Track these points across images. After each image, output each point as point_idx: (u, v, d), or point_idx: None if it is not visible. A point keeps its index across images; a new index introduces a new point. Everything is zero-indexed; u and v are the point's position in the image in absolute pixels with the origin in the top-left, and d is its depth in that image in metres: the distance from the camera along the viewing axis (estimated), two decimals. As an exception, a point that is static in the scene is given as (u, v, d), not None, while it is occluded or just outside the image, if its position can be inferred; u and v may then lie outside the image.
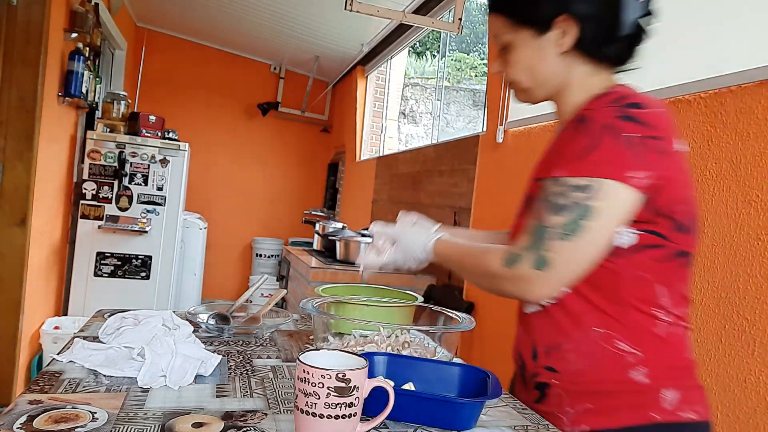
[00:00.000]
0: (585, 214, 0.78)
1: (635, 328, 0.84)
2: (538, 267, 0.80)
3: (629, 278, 0.83)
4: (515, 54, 0.92)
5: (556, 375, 0.88)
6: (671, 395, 0.83)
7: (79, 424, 0.66)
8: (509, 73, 0.94)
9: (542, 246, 0.80)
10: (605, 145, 0.79)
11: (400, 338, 0.97)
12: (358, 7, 2.56)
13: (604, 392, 0.84)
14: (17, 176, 2.82)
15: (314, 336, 1.02)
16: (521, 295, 0.84)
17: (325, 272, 2.89)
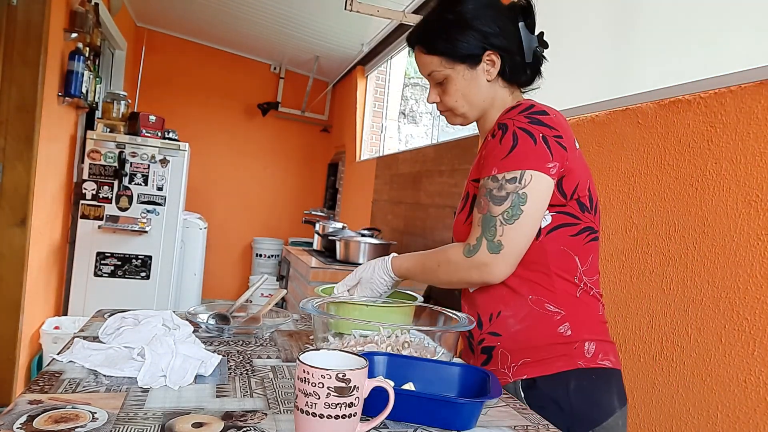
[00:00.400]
0: (521, 200, 0.96)
1: (560, 293, 1.03)
2: (493, 251, 0.97)
3: (554, 252, 1.02)
4: (453, 85, 1.09)
5: (499, 338, 1.05)
6: (590, 346, 1.03)
7: (79, 424, 0.66)
8: (448, 102, 1.11)
9: (494, 233, 0.97)
10: (524, 143, 0.97)
11: (400, 338, 0.97)
12: (358, 7, 2.56)
13: (538, 347, 1.02)
14: (17, 176, 2.82)
15: (314, 336, 1.02)
16: (483, 279, 1.00)
17: (325, 272, 2.89)
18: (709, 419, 1.30)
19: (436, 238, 3.03)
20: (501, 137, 1.00)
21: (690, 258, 1.38)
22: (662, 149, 1.50)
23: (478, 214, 1.00)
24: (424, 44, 1.10)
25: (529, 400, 1.00)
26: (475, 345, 1.10)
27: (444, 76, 1.09)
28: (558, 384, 1.00)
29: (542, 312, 1.02)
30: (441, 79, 1.10)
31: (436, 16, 1.11)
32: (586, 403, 1.00)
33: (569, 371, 1.00)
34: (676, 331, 1.41)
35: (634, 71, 1.81)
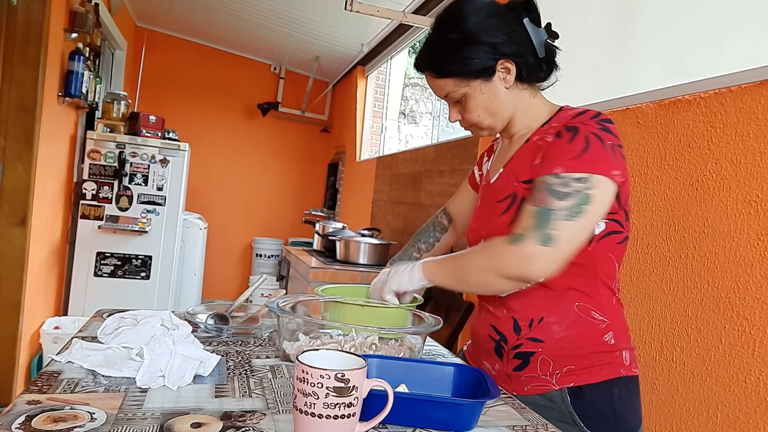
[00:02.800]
0: (586, 200, 0.94)
1: (603, 300, 1.03)
2: (544, 243, 0.92)
3: (602, 259, 1.02)
4: (472, 101, 1.07)
5: (541, 344, 1.02)
6: (627, 354, 1.05)
7: (78, 424, 0.66)
8: (470, 118, 1.10)
9: (548, 225, 0.92)
10: (596, 148, 0.96)
11: (368, 340, 0.97)
12: (358, 7, 2.56)
13: (584, 354, 1.01)
14: (17, 176, 2.82)
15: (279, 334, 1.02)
16: (522, 273, 0.94)
17: (325, 272, 2.89)
18: (709, 419, 1.29)
19: (436, 238, 3.02)
20: (571, 138, 0.98)
21: (690, 258, 1.38)
22: (662, 149, 1.50)
23: (531, 207, 0.96)
24: (434, 69, 1.08)
25: (575, 408, 1.00)
26: (507, 349, 1.06)
27: (461, 95, 1.07)
28: (604, 392, 1.01)
29: (589, 320, 1.02)
30: (459, 97, 1.08)
31: (441, 37, 1.07)
32: (627, 411, 1.02)
33: (613, 380, 1.01)
34: (676, 331, 1.40)
35: (634, 71, 1.81)
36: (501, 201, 1.08)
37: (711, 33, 1.57)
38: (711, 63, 1.46)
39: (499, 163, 1.17)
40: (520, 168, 1.07)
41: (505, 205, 1.07)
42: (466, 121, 1.11)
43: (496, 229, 1.06)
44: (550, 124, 1.07)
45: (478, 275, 1.00)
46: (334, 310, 1.12)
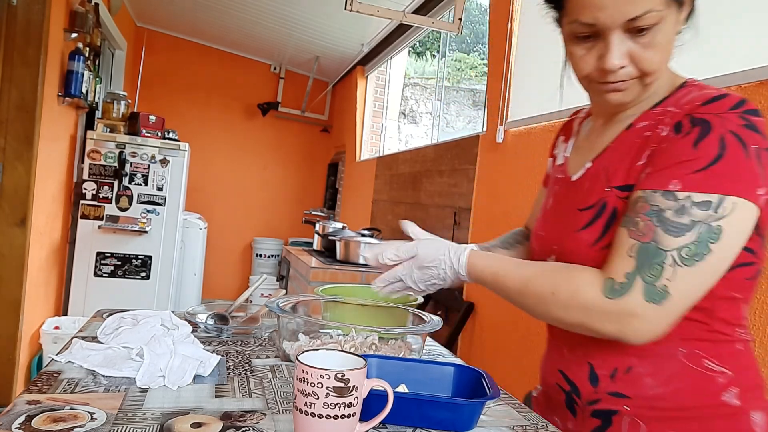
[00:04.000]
0: (711, 236, 0.67)
1: (723, 345, 0.76)
2: (653, 299, 0.68)
3: (723, 298, 0.75)
4: (664, 35, 0.74)
5: (628, 401, 0.78)
6: (760, 418, 0.75)
7: (78, 424, 0.66)
8: (650, 60, 0.75)
9: (658, 273, 0.68)
10: (735, 156, 0.68)
11: (368, 340, 0.97)
12: (358, 7, 2.56)
13: (691, 417, 0.75)
14: (17, 176, 2.82)
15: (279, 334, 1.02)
16: (622, 335, 0.71)
17: (325, 272, 2.89)
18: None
19: (436, 238, 3.02)
20: (698, 138, 0.70)
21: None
22: (662, 149, 1.49)
23: (630, 239, 0.71)
24: None
25: None
26: (581, 404, 0.83)
27: (658, 19, 0.72)
28: None
29: (699, 371, 0.75)
30: (653, 22, 0.72)
31: None
32: None
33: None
34: None
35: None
36: (583, 210, 0.81)
37: (711, 33, 1.57)
38: (711, 63, 1.46)
39: (586, 152, 0.89)
40: (616, 166, 0.80)
41: (588, 216, 0.81)
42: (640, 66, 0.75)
43: (572, 246, 0.82)
44: (664, 106, 0.78)
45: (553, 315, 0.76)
46: (334, 310, 1.12)
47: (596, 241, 0.78)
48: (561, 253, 0.84)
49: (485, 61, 8.27)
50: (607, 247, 0.76)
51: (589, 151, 0.88)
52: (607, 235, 0.77)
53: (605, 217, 0.78)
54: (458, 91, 8.67)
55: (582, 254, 0.79)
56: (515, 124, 2.37)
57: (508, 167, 2.39)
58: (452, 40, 6.47)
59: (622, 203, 0.76)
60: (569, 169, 0.91)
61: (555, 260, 0.85)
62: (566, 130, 1.00)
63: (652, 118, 0.79)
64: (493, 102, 2.56)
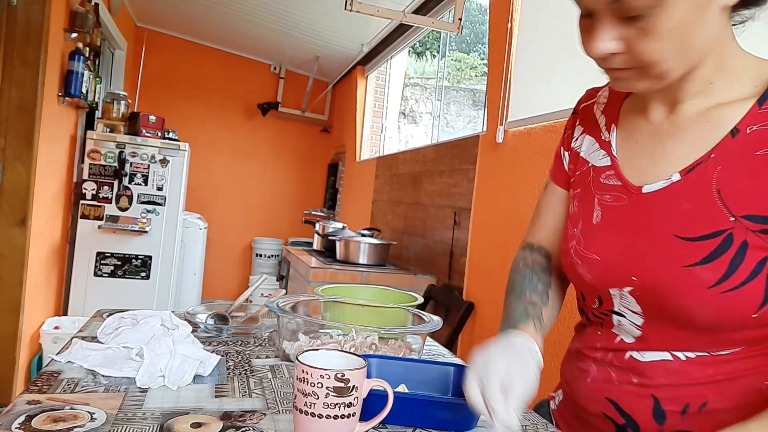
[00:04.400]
0: None
1: None
2: None
3: None
4: (662, 20, 0.58)
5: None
6: None
7: (78, 424, 0.66)
8: (639, 49, 0.61)
9: None
10: None
11: (368, 340, 0.97)
12: (358, 7, 2.56)
13: None
14: (17, 176, 2.82)
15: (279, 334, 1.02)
16: None
17: (325, 272, 2.89)
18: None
19: (436, 238, 3.03)
20: None
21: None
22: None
23: None
24: None
25: None
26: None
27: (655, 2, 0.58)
28: None
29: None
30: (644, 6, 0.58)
31: None
32: None
33: None
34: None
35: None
36: (693, 240, 0.65)
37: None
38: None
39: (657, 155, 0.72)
40: (744, 191, 0.63)
41: (704, 249, 0.65)
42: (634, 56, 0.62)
43: (679, 283, 0.65)
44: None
45: None
46: (334, 310, 1.12)
47: (719, 282, 0.63)
48: (650, 290, 0.69)
49: (485, 61, 8.27)
50: (732, 291, 0.62)
51: (664, 156, 0.71)
52: (735, 276, 0.62)
53: (731, 254, 0.63)
54: (458, 91, 8.67)
55: (695, 295, 0.64)
56: (515, 124, 2.37)
57: (508, 167, 2.39)
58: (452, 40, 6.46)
59: (756, 238, 0.62)
60: (629, 175, 0.73)
61: (633, 292, 0.70)
62: (586, 121, 0.82)
63: (763, 120, 0.64)
64: (493, 102, 2.56)
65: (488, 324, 2.43)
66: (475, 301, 2.55)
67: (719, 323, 0.64)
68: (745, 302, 0.62)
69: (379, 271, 2.93)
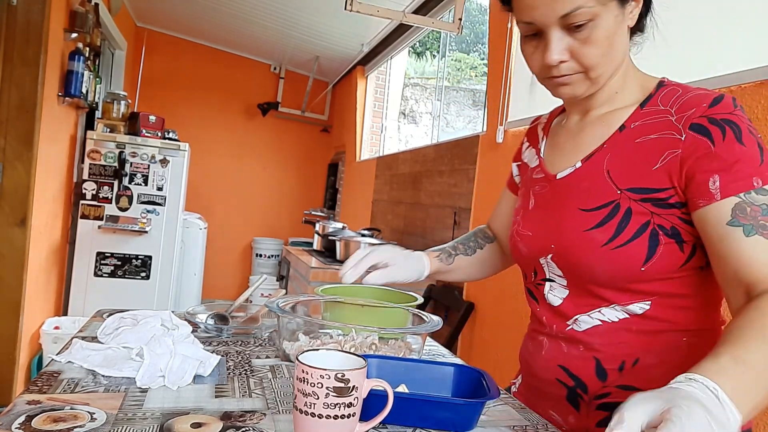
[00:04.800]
0: None
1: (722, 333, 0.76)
2: None
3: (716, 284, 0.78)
4: (602, 30, 0.76)
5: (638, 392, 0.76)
6: None
7: (78, 424, 0.66)
8: (590, 56, 0.78)
9: None
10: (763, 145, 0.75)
11: (368, 340, 0.97)
12: (358, 7, 2.56)
13: None
14: (17, 176, 2.82)
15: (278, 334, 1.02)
16: None
17: (325, 272, 2.89)
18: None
19: (436, 238, 3.03)
20: (738, 137, 0.73)
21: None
22: (662, 149, 1.49)
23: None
24: None
25: None
26: (586, 399, 0.85)
27: (592, 16, 0.75)
28: None
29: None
30: (587, 19, 0.75)
31: None
32: None
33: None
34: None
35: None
36: (590, 210, 0.82)
37: (711, 33, 1.57)
38: (711, 63, 1.46)
39: (569, 151, 0.91)
40: (622, 169, 0.81)
41: (598, 217, 0.81)
42: (579, 61, 0.79)
43: (580, 244, 0.82)
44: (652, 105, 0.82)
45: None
46: (334, 310, 1.12)
47: (609, 241, 0.79)
48: (561, 252, 0.86)
49: (485, 61, 8.27)
50: (620, 248, 0.78)
51: (573, 151, 0.90)
52: (621, 236, 0.79)
53: (618, 219, 0.79)
54: (458, 91, 8.67)
55: (592, 253, 0.81)
56: (515, 124, 2.37)
57: (508, 167, 2.39)
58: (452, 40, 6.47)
59: (637, 206, 0.78)
60: (549, 167, 0.93)
61: (552, 259, 0.87)
62: (531, 137, 1.05)
63: (643, 118, 0.82)
64: (493, 102, 2.56)
65: (488, 324, 2.43)
66: (475, 301, 2.55)
67: (615, 275, 0.80)
68: (631, 257, 0.78)
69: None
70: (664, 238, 0.77)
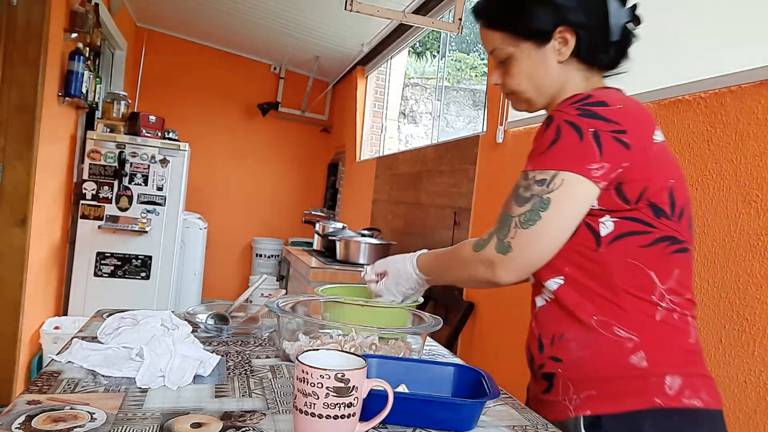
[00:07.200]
0: (543, 206, 0.84)
1: (633, 314, 0.87)
2: (501, 251, 0.87)
3: (619, 265, 0.87)
4: (517, 65, 0.95)
5: (560, 364, 0.91)
6: (673, 381, 0.85)
7: (78, 424, 0.66)
8: (510, 84, 0.97)
9: (505, 233, 0.87)
10: (565, 139, 0.84)
11: (368, 340, 0.97)
12: (358, 7, 2.56)
13: (606, 378, 0.86)
14: (17, 176, 2.82)
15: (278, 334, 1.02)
16: (488, 277, 0.89)
17: (325, 272, 2.89)
18: (709, 419, 1.29)
19: (436, 238, 3.03)
20: (544, 130, 0.87)
21: (690, 258, 1.38)
22: (662, 149, 1.49)
23: (501, 210, 0.90)
24: (486, 18, 0.98)
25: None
26: (535, 369, 0.97)
27: (507, 55, 0.95)
28: (628, 425, 0.84)
29: (610, 337, 0.87)
30: (504, 57, 0.96)
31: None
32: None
33: (643, 410, 0.83)
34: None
35: (633, 72, 1.81)
36: None
37: (711, 32, 1.57)
38: (711, 63, 1.46)
39: None
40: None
41: None
42: (506, 87, 0.99)
43: None
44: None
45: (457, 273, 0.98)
46: (334, 310, 1.12)
47: None
48: None
49: (485, 61, 8.26)
50: None
51: None
52: None
53: None
54: (458, 91, 8.67)
55: None
56: (515, 124, 2.37)
57: (508, 167, 2.39)
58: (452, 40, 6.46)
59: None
60: None
61: None
62: None
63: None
64: (493, 102, 2.56)
65: (488, 324, 2.43)
66: (475, 302, 2.55)
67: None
68: None
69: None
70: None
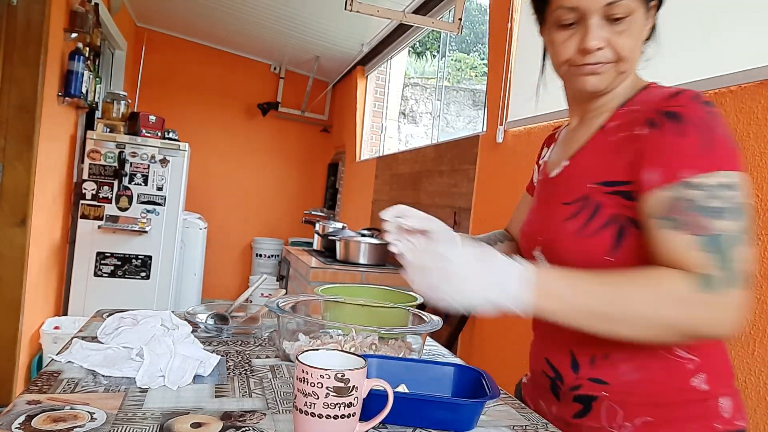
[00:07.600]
0: (745, 212, 0.71)
1: None
2: (736, 284, 0.69)
3: None
4: (633, 25, 0.81)
5: (606, 387, 0.82)
6: (726, 403, 0.80)
7: (78, 424, 0.66)
8: (623, 47, 0.81)
9: (731, 258, 0.69)
10: (723, 138, 0.74)
11: (368, 339, 0.97)
12: (358, 7, 2.56)
13: (664, 403, 0.79)
14: (17, 176, 2.82)
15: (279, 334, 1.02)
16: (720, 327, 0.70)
17: (325, 272, 2.89)
18: (709, 419, 1.29)
19: (436, 238, 3.02)
20: (677, 130, 0.74)
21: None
22: (662, 149, 1.49)
23: (688, 236, 0.71)
24: None
25: None
26: (564, 390, 0.88)
27: (629, 11, 0.80)
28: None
29: (670, 358, 0.80)
30: (623, 13, 0.80)
31: None
32: None
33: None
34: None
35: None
36: (567, 204, 0.86)
37: (711, 32, 1.57)
38: (711, 63, 1.46)
39: (563, 152, 0.96)
40: (596, 165, 0.85)
41: (571, 210, 0.85)
42: (614, 50, 0.82)
43: (556, 235, 0.87)
44: (630, 106, 0.85)
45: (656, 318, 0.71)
46: (334, 310, 1.12)
47: (580, 230, 0.83)
48: (546, 243, 0.90)
49: (485, 61, 8.26)
50: (588, 237, 0.82)
51: (567, 151, 0.95)
52: (590, 225, 0.82)
53: (589, 210, 0.83)
54: (458, 91, 8.67)
55: (566, 242, 0.85)
56: (515, 124, 2.37)
57: (508, 167, 2.39)
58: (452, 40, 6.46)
59: (606, 197, 0.82)
60: (548, 169, 0.99)
61: (540, 251, 0.91)
62: (549, 140, 1.11)
63: (620, 118, 0.85)
64: (493, 102, 2.56)
65: (488, 324, 2.43)
66: (475, 301, 2.55)
67: (583, 264, 0.80)
68: (598, 246, 0.81)
69: (379, 271, 2.93)
70: (632, 230, 0.79)
